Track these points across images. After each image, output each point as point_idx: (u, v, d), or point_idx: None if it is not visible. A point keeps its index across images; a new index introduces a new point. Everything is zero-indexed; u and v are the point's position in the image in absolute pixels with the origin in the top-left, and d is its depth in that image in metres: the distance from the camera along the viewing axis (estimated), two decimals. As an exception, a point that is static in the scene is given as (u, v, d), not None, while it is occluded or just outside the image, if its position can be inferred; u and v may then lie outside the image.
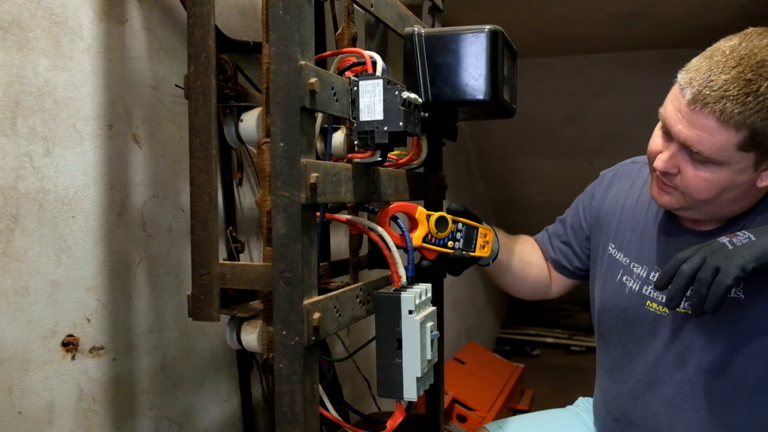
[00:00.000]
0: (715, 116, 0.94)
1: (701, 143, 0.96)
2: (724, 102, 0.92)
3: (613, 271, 1.22)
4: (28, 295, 1.00)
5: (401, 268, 1.00)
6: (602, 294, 1.25)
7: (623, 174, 1.30)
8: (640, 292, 1.16)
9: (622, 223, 1.24)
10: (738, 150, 0.95)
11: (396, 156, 1.20)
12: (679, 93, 0.98)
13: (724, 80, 0.93)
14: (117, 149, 1.16)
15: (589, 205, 1.33)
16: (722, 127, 0.94)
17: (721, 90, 0.93)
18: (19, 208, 0.99)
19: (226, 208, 1.42)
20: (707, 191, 1.00)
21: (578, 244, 1.34)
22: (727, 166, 0.97)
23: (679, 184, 1.02)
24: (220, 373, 1.46)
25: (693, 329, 1.09)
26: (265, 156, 0.91)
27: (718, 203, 1.02)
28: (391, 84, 0.91)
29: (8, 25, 0.97)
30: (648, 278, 1.15)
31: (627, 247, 1.21)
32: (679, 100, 0.98)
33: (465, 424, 2.60)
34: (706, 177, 0.98)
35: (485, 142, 3.87)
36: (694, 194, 1.01)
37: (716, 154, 0.96)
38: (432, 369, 1.02)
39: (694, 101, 0.95)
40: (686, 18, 2.56)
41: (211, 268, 0.92)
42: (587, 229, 1.32)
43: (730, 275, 0.86)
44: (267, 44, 0.90)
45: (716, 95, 0.93)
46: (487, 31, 1.07)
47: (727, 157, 0.96)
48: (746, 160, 0.97)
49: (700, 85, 0.95)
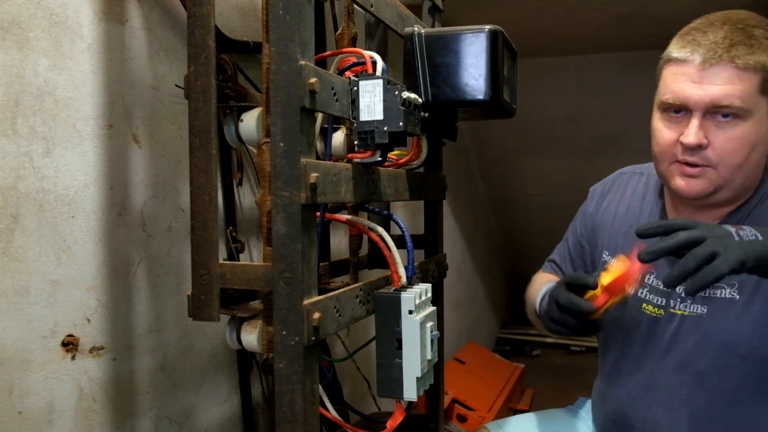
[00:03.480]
0: (733, 63, 0.97)
1: (729, 95, 0.97)
2: (735, 49, 0.97)
3: None
4: (28, 295, 1.00)
5: (401, 268, 1.00)
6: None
7: (612, 186, 1.31)
8: (635, 295, 1.16)
9: (614, 231, 1.24)
10: (760, 95, 0.98)
11: (396, 156, 1.20)
12: (683, 66, 1.01)
13: (724, 34, 0.98)
14: (117, 149, 1.16)
15: (583, 222, 1.33)
16: (741, 72, 0.97)
17: (727, 41, 0.98)
18: (19, 208, 0.99)
19: (226, 208, 1.42)
20: (741, 150, 1.00)
21: (585, 263, 1.34)
22: (752, 117, 0.99)
23: (711, 156, 1.01)
24: (220, 373, 1.46)
25: (688, 331, 1.09)
26: (265, 156, 0.91)
27: (748, 167, 1.02)
28: (391, 84, 0.91)
29: (8, 25, 0.97)
30: (643, 281, 1.15)
31: (620, 252, 1.21)
32: (687, 72, 1.00)
33: (465, 424, 2.60)
34: (737, 135, 0.99)
35: (485, 142, 3.87)
36: (730, 159, 1.00)
37: (745, 102, 0.98)
38: (432, 369, 1.02)
39: (705, 61, 0.98)
40: (686, 18, 2.55)
41: (211, 268, 0.92)
42: (587, 245, 1.32)
43: (728, 265, 0.81)
44: (267, 44, 0.90)
45: (725, 46, 0.97)
46: (487, 31, 1.07)
47: (753, 104, 0.98)
48: (765, 106, 0.99)
49: (705, 46, 0.99)
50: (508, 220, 4.52)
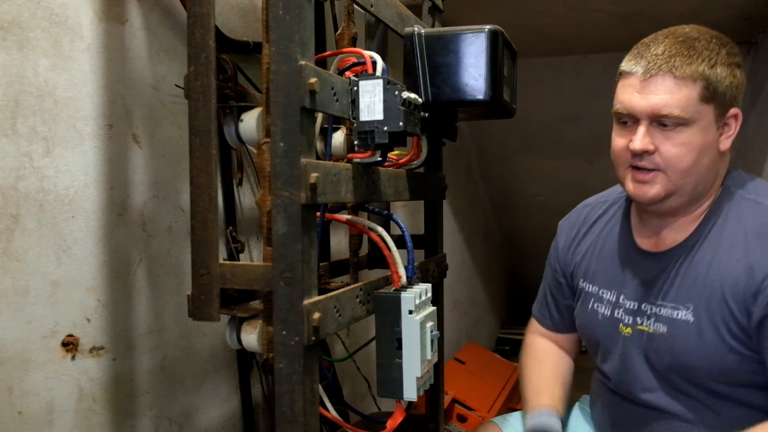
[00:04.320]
0: (671, 74, 1.02)
1: (669, 105, 1.02)
2: (674, 60, 1.02)
3: (586, 302, 1.26)
4: (28, 295, 1.00)
5: (401, 268, 1.00)
6: (581, 326, 1.29)
7: (578, 218, 1.34)
8: (612, 316, 1.19)
9: (586, 258, 1.27)
10: (700, 102, 1.02)
11: (396, 156, 1.20)
12: (629, 78, 1.07)
13: (664, 47, 1.04)
14: (117, 149, 1.16)
15: (556, 257, 1.35)
16: (680, 82, 1.02)
17: (666, 53, 1.03)
18: (19, 208, 0.99)
19: (226, 208, 1.42)
20: (688, 156, 1.04)
21: (566, 298, 1.35)
22: (695, 124, 1.03)
23: (659, 161, 1.05)
24: (220, 373, 1.46)
25: (656, 348, 1.12)
26: (265, 156, 0.91)
27: (698, 172, 1.05)
28: (391, 84, 0.91)
29: (8, 25, 0.97)
30: (618, 302, 1.19)
31: (593, 276, 1.25)
32: (631, 84, 1.06)
33: (465, 424, 2.60)
34: (682, 141, 1.03)
35: (485, 142, 3.87)
36: (677, 164, 1.04)
37: (684, 111, 1.02)
38: (432, 369, 1.02)
39: (647, 72, 1.04)
40: (686, 18, 2.55)
41: (211, 268, 0.92)
42: (563, 279, 1.34)
43: None
44: (267, 44, 0.90)
45: (664, 57, 1.03)
46: (487, 31, 1.07)
47: (693, 113, 1.02)
48: (709, 114, 1.03)
49: (646, 59, 1.04)
50: (508, 220, 4.52)
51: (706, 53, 1.03)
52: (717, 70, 1.02)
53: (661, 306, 1.11)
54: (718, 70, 1.03)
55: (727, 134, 1.07)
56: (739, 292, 1.02)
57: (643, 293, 1.14)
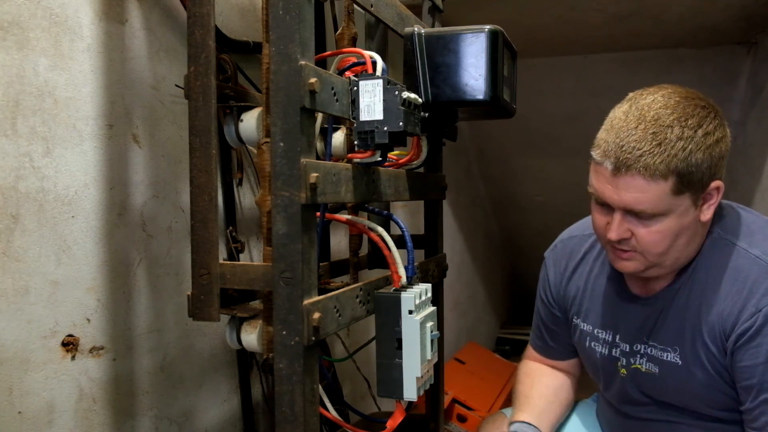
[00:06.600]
0: (640, 174, 0.98)
1: (640, 203, 0.99)
2: (643, 159, 0.97)
3: (582, 339, 1.27)
4: (28, 295, 1.00)
5: (401, 268, 1.00)
6: (582, 357, 1.32)
7: (564, 251, 1.33)
8: (610, 354, 1.21)
9: (578, 295, 1.28)
10: (674, 196, 0.99)
11: (396, 156, 1.20)
12: (600, 168, 1.03)
13: (634, 141, 0.98)
14: (117, 149, 1.16)
15: (547, 291, 1.35)
16: (651, 181, 0.98)
17: (635, 150, 0.98)
18: (19, 208, 0.99)
19: (226, 208, 1.42)
20: (663, 242, 1.02)
21: (561, 328, 1.36)
22: (672, 214, 1.00)
23: (636, 245, 1.05)
24: (220, 373, 1.46)
25: (650, 386, 1.15)
26: (265, 156, 0.91)
27: (676, 250, 1.05)
28: (391, 84, 0.91)
29: (8, 25, 0.97)
30: (615, 341, 1.20)
31: (586, 315, 1.26)
32: (603, 175, 1.02)
33: (465, 424, 2.60)
34: (658, 230, 1.01)
35: (485, 142, 3.87)
36: (652, 250, 1.03)
37: (657, 207, 0.99)
38: (432, 369, 1.02)
39: (617, 169, 0.99)
40: (686, 18, 2.56)
41: (211, 268, 0.92)
42: (559, 313, 1.34)
43: None
44: (267, 44, 0.90)
45: (633, 156, 0.98)
46: (487, 31, 1.07)
47: (667, 206, 0.99)
48: (685, 202, 1.00)
49: (615, 154, 0.99)
50: (508, 220, 4.52)
51: (679, 144, 0.97)
52: (691, 160, 0.97)
53: (652, 347, 1.13)
54: (692, 159, 0.97)
55: (709, 203, 1.03)
56: (716, 335, 1.04)
57: (635, 334, 1.16)
